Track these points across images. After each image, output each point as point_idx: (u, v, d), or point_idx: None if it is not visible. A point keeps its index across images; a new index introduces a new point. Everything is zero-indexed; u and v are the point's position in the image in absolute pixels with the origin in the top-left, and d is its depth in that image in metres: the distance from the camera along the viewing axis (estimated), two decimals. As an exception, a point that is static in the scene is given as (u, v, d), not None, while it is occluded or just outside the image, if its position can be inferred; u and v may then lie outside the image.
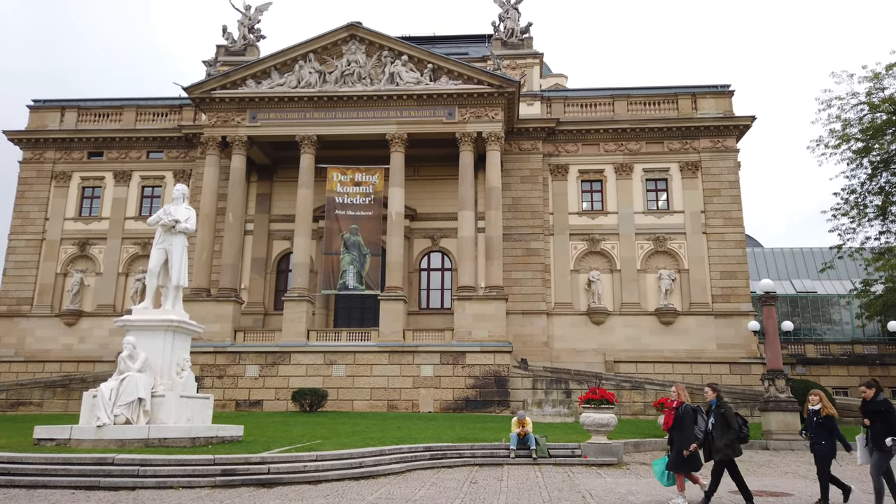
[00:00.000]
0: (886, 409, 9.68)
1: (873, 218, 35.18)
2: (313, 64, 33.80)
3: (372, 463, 14.10)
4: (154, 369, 15.17)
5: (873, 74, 33.95)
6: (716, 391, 10.55)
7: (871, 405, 9.86)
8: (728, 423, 10.04)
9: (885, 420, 9.60)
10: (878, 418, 9.68)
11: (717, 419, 10.17)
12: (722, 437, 10.01)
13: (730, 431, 10.00)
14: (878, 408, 9.75)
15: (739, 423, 10.16)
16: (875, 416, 9.73)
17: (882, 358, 35.74)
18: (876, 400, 9.87)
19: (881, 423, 9.61)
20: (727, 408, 10.27)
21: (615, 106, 37.14)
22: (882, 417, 9.64)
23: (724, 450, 9.99)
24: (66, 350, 36.05)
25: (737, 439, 10.08)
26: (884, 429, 9.57)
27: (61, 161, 38.73)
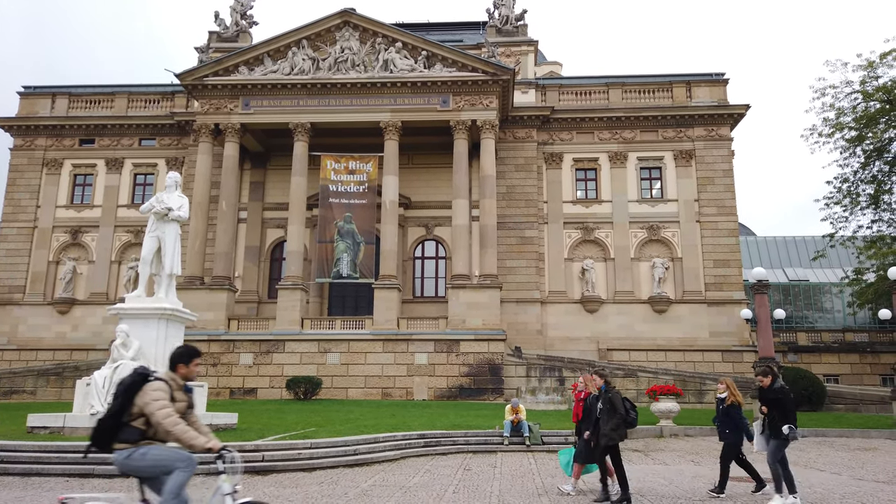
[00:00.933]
0: (783, 397, 9.65)
1: (865, 206, 35.36)
2: (307, 51, 33.56)
3: (366, 450, 14.15)
4: (147, 357, 15.14)
5: (867, 63, 33.98)
6: (603, 377, 10.48)
7: (768, 393, 9.80)
8: (614, 407, 9.94)
9: (782, 407, 9.56)
10: (775, 406, 9.64)
11: (605, 404, 10.10)
12: (608, 422, 9.93)
13: (616, 416, 9.90)
14: (776, 395, 9.70)
15: (627, 407, 10.07)
16: (772, 403, 9.68)
17: (873, 345, 36.02)
18: (773, 388, 9.82)
19: (778, 411, 9.58)
20: (614, 392, 10.20)
21: (610, 94, 37.07)
22: (779, 405, 9.60)
23: (610, 433, 9.88)
24: (59, 338, 35.95)
25: (623, 423, 9.97)
26: (780, 416, 9.56)
27: (52, 148, 38.43)
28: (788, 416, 9.52)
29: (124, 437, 5.39)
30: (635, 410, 10.24)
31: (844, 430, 21.47)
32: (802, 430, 21.10)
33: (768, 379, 9.91)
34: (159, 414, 5.31)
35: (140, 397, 5.41)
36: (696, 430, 21.32)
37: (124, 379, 5.63)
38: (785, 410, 9.55)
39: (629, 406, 10.15)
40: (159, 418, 5.30)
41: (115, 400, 5.51)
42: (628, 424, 10.11)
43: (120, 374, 14.50)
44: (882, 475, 12.65)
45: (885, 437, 20.67)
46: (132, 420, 5.41)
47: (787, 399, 9.65)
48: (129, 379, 5.54)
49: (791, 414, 9.55)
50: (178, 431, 5.31)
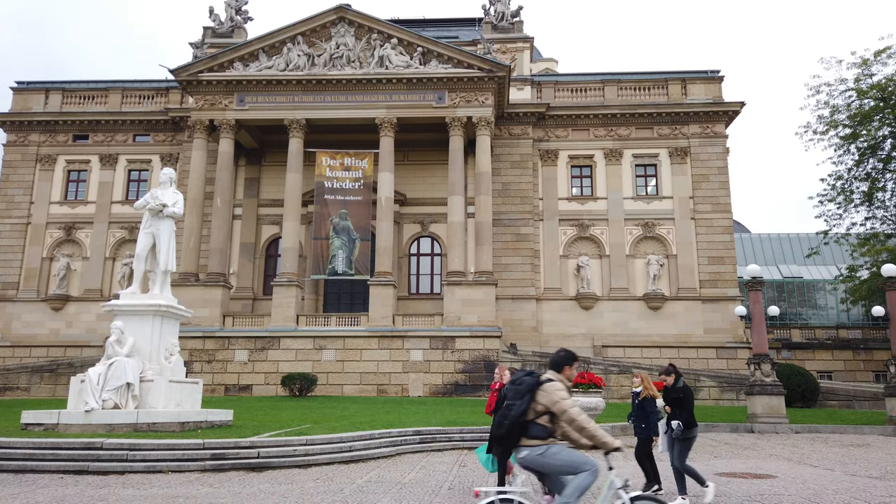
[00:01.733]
0: (683, 396, 9.55)
1: (859, 204, 35.53)
2: (302, 46, 33.46)
3: (362, 447, 14.15)
4: (142, 354, 15.09)
5: (862, 61, 34.11)
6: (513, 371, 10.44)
7: (671, 392, 9.68)
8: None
9: (682, 406, 9.48)
10: (676, 405, 9.56)
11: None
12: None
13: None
14: (677, 394, 9.60)
15: None
16: (674, 402, 9.59)
17: (866, 342, 36.21)
18: (675, 386, 9.70)
19: (678, 410, 9.49)
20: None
21: (605, 91, 37.10)
22: (679, 404, 9.52)
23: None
24: (54, 335, 35.83)
25: None
26: (679, 415, 9.47)
27: (46, 144, 38.22)
28: (684, 414, 9.39)
29: (534, 433, 5.66)
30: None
31: (837, 426, 21.62)
32: (795, 425, 21.43)
33: (671, 378, 9.79)
34: (573, 411, 5.60)
35: (544, 396, 5.68)
36: (690, 426, 21.38)
37: (524, 379, 5.86)
38: (682, 409, 9.42)
39: None
40: (573, 415, 5.58)
41: (518, 399, 5.72)
42: None
43: (114, 370, 14.47)
44: (875, 471, 12.72)
45: (877, 434, 20.81)
46: (537, 418, 5.68)
47: (686, 398, 9.53)
48: (531, 379, 5.80)
49: (686, 412, 9.42)
50: (591, 428, 5.58)
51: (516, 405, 5.68)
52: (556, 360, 6.11)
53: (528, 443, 5.65)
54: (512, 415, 5.68)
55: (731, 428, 21.51)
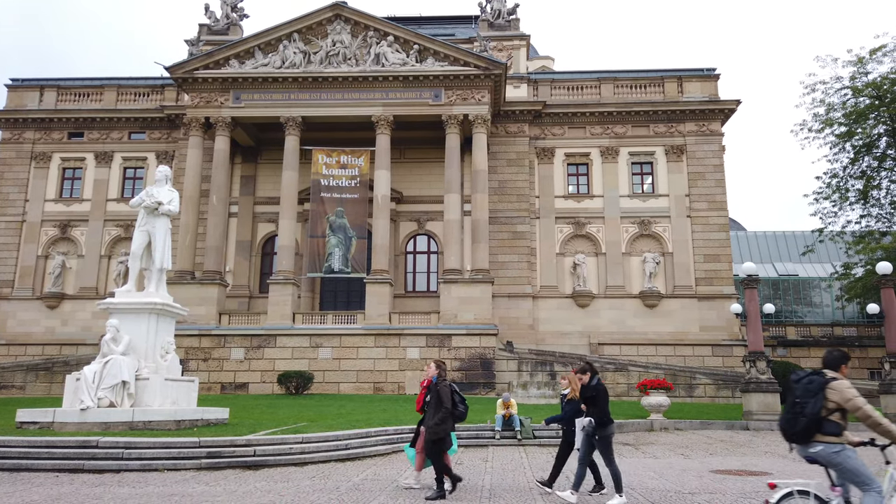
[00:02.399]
0: (597, 394, 9.46)
1: (854, 202, 35.66)
2: (298, 44, 33.39)
3: (358, 445, 14.17)
4: (138, 352, 15.07)
5: (857, 59, 34.20)
6: (438, 367, 10.16)
7: (586, 390, 9.59)
8: (441, 400, 9.63)
9: (595, 404, 9.38)
10: (590, 403, 9.47)
11: (432, 396, 9.79)
12: (434, 415, 9.63)
13: (441, 409, 9.59)
14: (590, 393, 9.50)
15: (456, 400, 9.80)
16: (588, 401, 9.50)
17: (861, 340, 36.35)
18: (590, 385, 9.61)
19: (593, 408, 9.41)
20: (443, 384, 9.85)
21: (602, 89, 37.11)
22: (593, 402, 9.43)
23: (434, 428, 9.56)
24: (49, 333, 35.72)
25: (449, 417, 9.65)
26: (593, 413, 9.35)
27: (41, 142, 38.07)
28: (597, 412, 9.30)
29: (829, 430, 5.89)
30: (465, 404, 10.02)
31: (832, 423, 21.64)
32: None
33: (587, 376, 9.70)
34: (866, 408, 5.83)
35: (834, 394, 5.88)
36: (685, 423, 21.49)
37: (813, 378, 6.04)
38: (595, 407, 9.33)
39: (459, 399, 9.88)
40: (868, 412, 5.82)
41: (811, 397, 5.92)
42: (456, 418, 9.81)
43: (110, 368, 14.44)
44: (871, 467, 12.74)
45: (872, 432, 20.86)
46: (829, 415, 5.90)
47: (599, 396, 9.43)
48: (820, 378, 6.00)
49: (599, 410, 9.31)
50: (885, 424, 5.84)
51: (810, 403, 5.90)
52: (832, 359, 6.26)
53: (824, 439, 5.90)
54: (808, 412, 5.89)
55: (726, 425, 21.58)
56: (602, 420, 9.31)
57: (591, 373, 9.73)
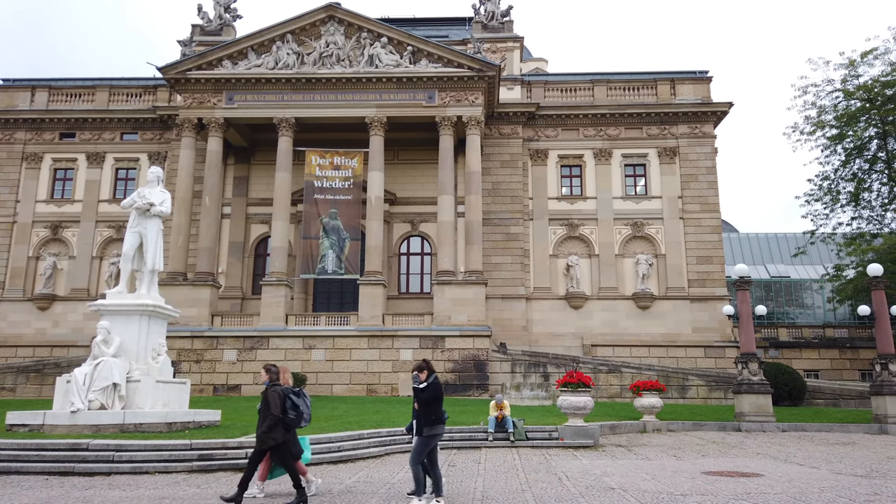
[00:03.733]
0: (430, 393, 9.17)
1: (846, 204, 35.90)
2: (291, 45, 33.33)
3: (350, 447, 14.14)
4: (129, 354, 15.00)
5: (849, 62, 34.44)
6: (269, 373, 9.71)
7: (421, 390, 9.24)
8: (268, 406, 9.22)
9: (427, 404, 9.07)
10: (422, 402, 9.14)
11: (262, 402, 9.40)
12: (262, 423, 9.28)
13: (269, 416, 9.19)
14: (424, 392, 9.20)
15: (288, 406, 9.32)
16: (421, 400, 9.18)
17: (852, 341, 36.51)
18: (427, 384, 9.25)
19: (424, 407, 9.09)
20: (272, 390, 9.40)
21: (595, 91, 37.19)
22: (426, 402, 9.09)
23: (262, 437, 9.19)
24: (40, 334, 35.50)
25: (278, 424, 9.21)
26: (427, 414, 9.06)
27: (32, 142, 37.86)
28: (428, 411, 9.06)
29: None
30: (298, 410, 9.45)
31: (824, 424, 21.80)
32: (782, 424, 21.59)
33: (424, 374, 9.38)
34: None
35: None
36: (678, 424, 21.54)
37: None
38: (427, 407, 9.06)
39: (290, 405, 9.39)
40: None
41: None
42: (287, 426, 9.34)
43: (101, 370, 14.36)
44: (860, 469, 12.84)
45: (863, 432, 21.01)
46: None
47: (431, 395, 9.17)
48: None
49: (429, 410, 9.06)
50: None
51: None
52: None
53: None
54: None
55: (718, 426, 21.65)
56: (430, 420, 9.03)
57: (428, 371, 9.41)
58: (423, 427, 9.13)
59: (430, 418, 9.11)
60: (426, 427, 9.10)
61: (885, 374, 22.35)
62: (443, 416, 9.33)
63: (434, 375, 9.45)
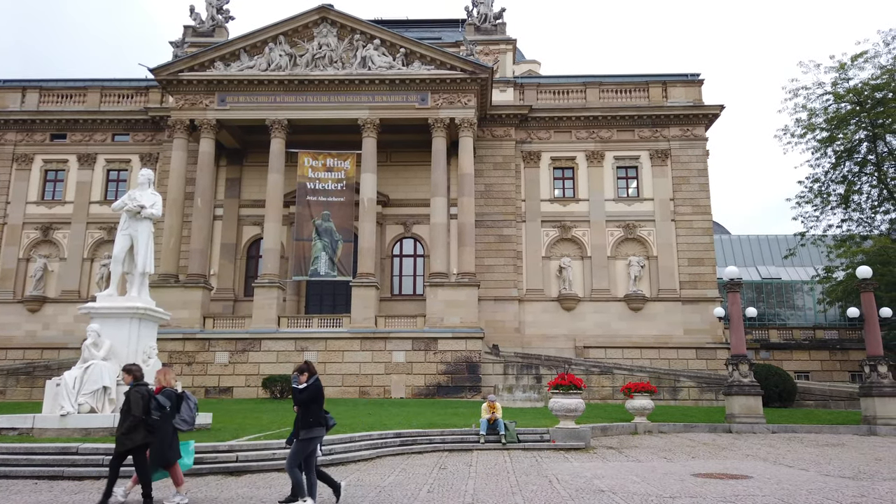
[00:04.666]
0: (309, 395, 8.93)
1: (836, 206, 36.17)
2: (284, 46, 33.28)
3: (342, 450, 14.11)
4: (119, 357, 14.94)
5: (839, 65, 34.69)
6: (131, 373, 9.45)
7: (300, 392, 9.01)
8: (129, 407, 8.88)
9: (307, 408, 8.90)
10: (302, 405, 8.95)
11: (123, 403, 9.06)
12: (122, 425, 8.93)
13: (130, 417, 8.84)
14: (304, 394, 8.98)
15: (152, 407, 8.95)
16: (300, 402, 8.97)
17: (842, 342, 36.77)
18: (307, 386, 9.02)
19: (303, 410, 8.91)
20: (134, 391, 9.07)
21: (587, 93, 37.30)
22: (304, 404, 8.93)
23: (121, 438, 8.87)
24: (30, 337, 35.30)
25: (139, 426, 8.84)
26: (304, 417, 8.87)
27: (23, 143, 37.66)
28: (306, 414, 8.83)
29: None
30: (163, 411, 9.00)
31: (814, 426, 21.94)
32: (773, 425, 21.71)
33: (304, 376, 9.13)
34: None
35: None
36: (669, 426, 21.63)
37: None
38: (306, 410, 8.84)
39: (155, 406, 8.99)
40: None
41: None
42: (149, 428, 8.91)
43: (91, 373, 14.30)
44: (848, 471, 12.92)
45: (852, 433, 21.15)
46: None
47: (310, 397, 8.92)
48: None
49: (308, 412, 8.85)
50: None
51: None
52: None
53: None
54: None
55: (709, 428, 21.75)
56: (307, 422, 8.83)
57: (308, 373, 9.17)
58: (299, 430, 8.87)
59: (307, 421, 8.85)
60: (303, 430, 8.84)
61: (875, 375, 22.52)
62: (322, 419, 8.99)
63: (315, 377, 9.19)
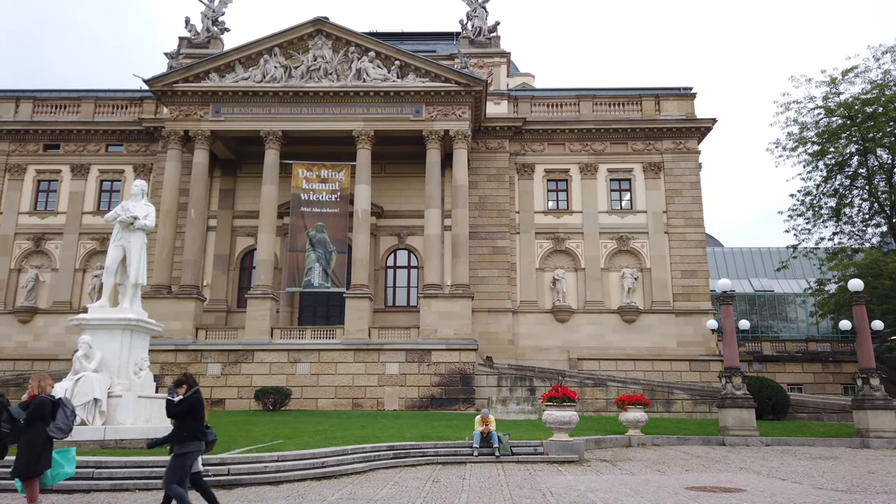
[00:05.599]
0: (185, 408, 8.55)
1: (828, 219, 36.40)
2: (279, 58, 33.39)
3: (334, 463, 14.02)
4: (111, 369, 14.86)
5: (830, 79, 35.04)
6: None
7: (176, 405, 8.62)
8: None
9: (182, 421, 8.50)
10: (178, 417, 8.56)
11: None
12: None
13: None
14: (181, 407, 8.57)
15: (3, 419, 8.45)
16: (176, 415, 8.57)
17: (835, 355, 36.85)
18: (184, 398, 8.64)
19: (177, 424, 8.51)
20: None
21: (581, 106, 37.53)
22: (179, 416, 8.55)
23: None
24: (21, 348, 35.02)
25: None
26: (178, 431, 8.44)
27: (16, 153, 37.54)
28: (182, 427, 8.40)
29: None
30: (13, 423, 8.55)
31: (807, 438, 21.95)
32: (766, 438, 21.71)
33: (182, 388, 8.75)
34: None
35: None
36: (662, 439, 21.60)
37: None
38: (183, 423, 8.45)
39: (6, 418, 8.50)
40: None
41: None
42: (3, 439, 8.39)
43: (81, 385, 14.20)
44: (841, 484, 12.92)
45: (845, 446, 21.17)
46: None
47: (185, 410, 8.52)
48: None
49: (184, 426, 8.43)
50: None
51: None
52: None
53: None
54: None
55: (702, 441, 21.72)
56: (181, 436, 8.44)
57: (187, 385, 8.79)
58: (174, 444, 8.47)
59: (181, 435, 8.44)
60: (176, 444, 8.43)
61: (867, 388, 22.57)
62: (199, 433, 8.56)
63: (195, 390, 8.78)
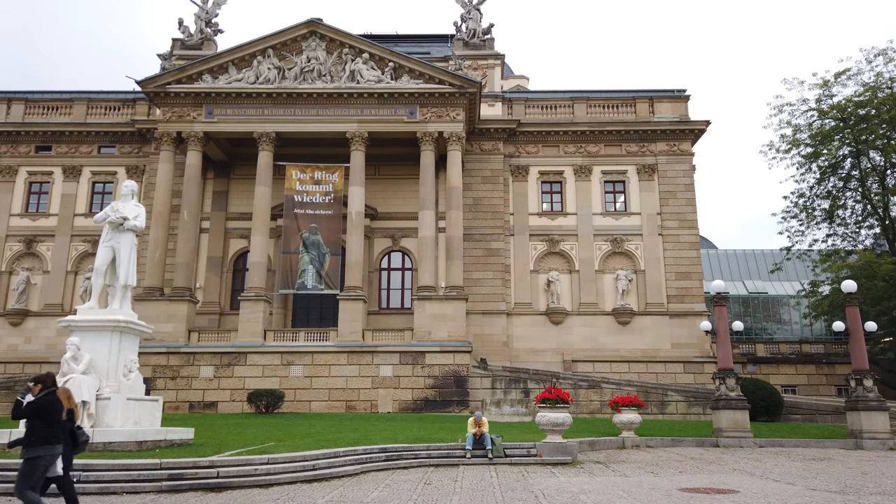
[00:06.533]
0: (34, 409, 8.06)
1: (821, 221, 36.48)
2: (272, 60, 33.29)
3: (325, 465, 13.90)
4: (99, 371, 14.71)
5: (823, 82, 35.14)
6: None
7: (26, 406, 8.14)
8: None
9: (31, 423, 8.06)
10: (30, 418, 8.12)
11: None
12: None
13: None
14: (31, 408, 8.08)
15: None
16: (28, 416, 8.13)
17: (828, 356, 36.92)
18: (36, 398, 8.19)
19: (27, 426, 8.10)
20: None
21: (575, 108, 37.53)
22: (26, 418, 8.14)
23: None
24: (11, 351, 34.75)
25: None
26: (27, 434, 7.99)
27: (7, 155, 37.30)
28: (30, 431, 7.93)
29: None
30: None
31: (800, 440, 21.93)
32: (760, 440, 21.68)
33: (38, 388, 8.35)
34: None
35: None
36: (656, 441, 21.54)
37: None
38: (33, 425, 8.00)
39: None
40: None
41: None
42: None
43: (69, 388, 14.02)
44: (834, 485, 12.88)
45: (839, 447, 21.16)
46: None
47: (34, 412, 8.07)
48: None
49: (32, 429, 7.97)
50: None
51: None
52: None
53: None
54: None
55: (696, 442, 21.68)
56: (29, 440, 7.99)
57: (43, 385, 8.38)
58: (22, 448, 8.04)
59: (28, 439, 8.00)
60: (25, 449, 7.98)
61: (860, 389, 22.58)
62: (51, 436, 8.07)
63: (50, 391, 8.35)
